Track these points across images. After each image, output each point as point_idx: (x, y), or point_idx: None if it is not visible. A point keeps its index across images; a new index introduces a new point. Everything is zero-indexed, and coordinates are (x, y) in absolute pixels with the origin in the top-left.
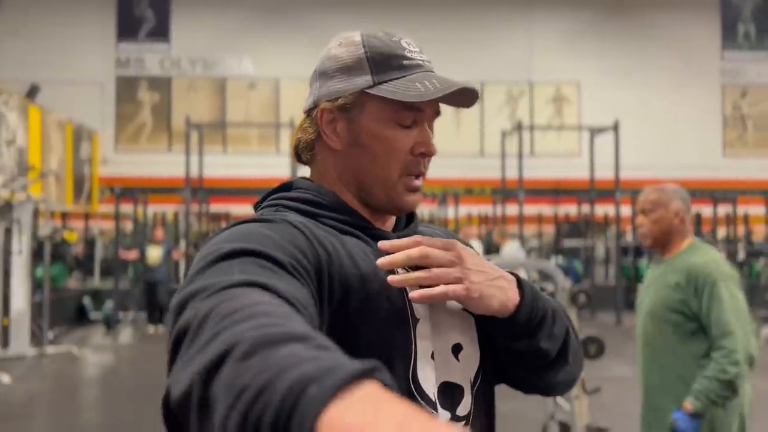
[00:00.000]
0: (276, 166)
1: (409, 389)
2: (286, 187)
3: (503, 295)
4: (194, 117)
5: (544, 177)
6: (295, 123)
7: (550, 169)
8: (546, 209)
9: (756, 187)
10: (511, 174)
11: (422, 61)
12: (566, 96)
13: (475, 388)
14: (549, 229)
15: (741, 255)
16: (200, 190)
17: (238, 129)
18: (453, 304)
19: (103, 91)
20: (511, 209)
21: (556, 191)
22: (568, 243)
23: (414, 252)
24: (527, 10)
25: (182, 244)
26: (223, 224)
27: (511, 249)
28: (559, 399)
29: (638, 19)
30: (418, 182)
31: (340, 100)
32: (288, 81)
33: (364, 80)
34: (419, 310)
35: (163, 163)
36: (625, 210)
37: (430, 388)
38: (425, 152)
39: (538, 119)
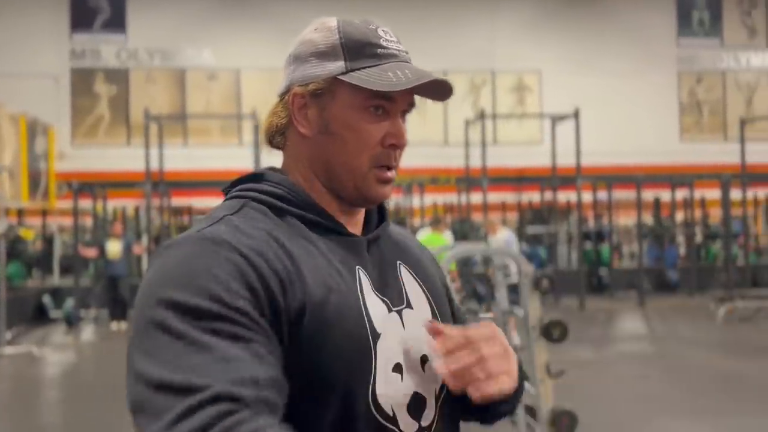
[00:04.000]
0: (238, 157)
1: (367, 406)
2: (256, 177)
3: (508, 387)
4: (153, 109)
5: (507, 165)
6: (257, 114)
7: (513, 157)
8: (509, 197)
9: (712, 171)
10: (475, 163)
11: (398, 50)
12: (528, 85)
13: (440, 400)
14: (513, 217)
15: (698, 238)
16: (161, 183)
17: (199, 121)
18: (419, 316)
19: (58, 84)
20: (476, 197)
21: (519, 179)
22: (532, 230)
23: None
24: (490, 0)
25: (144, 239)
26: (185, 218)
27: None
28: (525, 383)
29: (597, 7)
30: (389, 174)
31: (312, 85)
32: (249, 71)
33: (337, 66)
34: (380, 325)
35: (122, 157)
36: (587, 196)
37: (391, 403)
38: (396, 144)
39: (500, 108)
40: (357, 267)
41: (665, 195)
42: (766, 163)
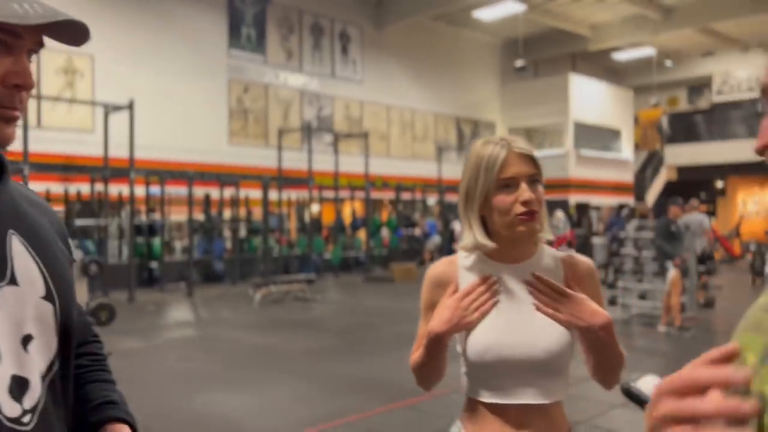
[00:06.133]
0: None
1: None
2: None
3: None
4: None
5: (53, 152)
6: None
7: (61, 143)
8: (55, 187)
9: (255, 173)
10: (17, 147)
11: None
12: (79, 68)
13: (47, 379)
14: (59, 208)
15: (243, 232)
16: None
17: None
18: (26, 293)
19: None
20: None
21: (67, 168)
22: (81, 222)
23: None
24: None
25: None
26: None
27: None
28: None
29: (155, 5)
30: (13, 113)
31: None
32: None
33: None
34: None
35: None
36: (140, 190)
37: None
38: (21, 84)
39: (47, 89)
40: None
41: (214, 192)
42: (298, 169)
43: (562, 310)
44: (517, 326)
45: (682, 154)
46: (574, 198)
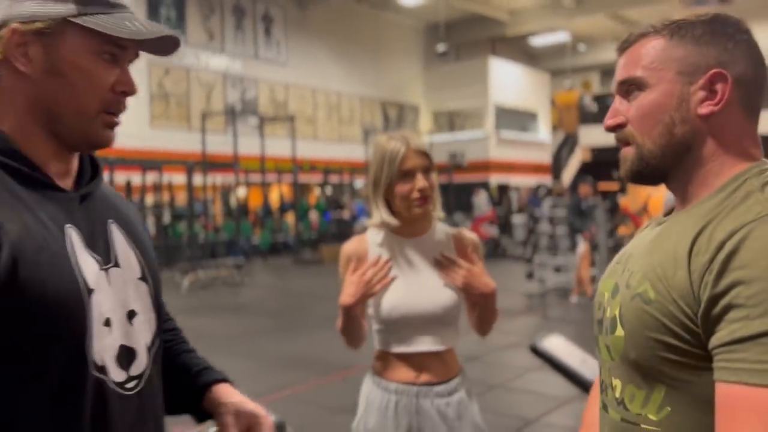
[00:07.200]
0: None
1: (78, 357)
2: None
3: None
4: None
5: None
6: None
7: None
8: None
9: (179, 157)
10: None
11: (125, 3)
12: None
13: (152, 351)
14: None
15: (167, 218)
16: None
17: None
18: (127, 274)
19: None
20: None
21: None
22: None
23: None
24: None
25: None
26: None
27: None
28: None
29: None
30: (116, 119)
31: (37, 23)
32: None
33: (66, 8)
34: (93, 281)
35: None
36: None
37: (102, 353)
38: (127, 91)
39: None
40: (67, 225)
41: (136, 178)
42: (222, 153)
43: (460, 279)
44: (417, 288)
45: (595, 135)
46: (495, 178)
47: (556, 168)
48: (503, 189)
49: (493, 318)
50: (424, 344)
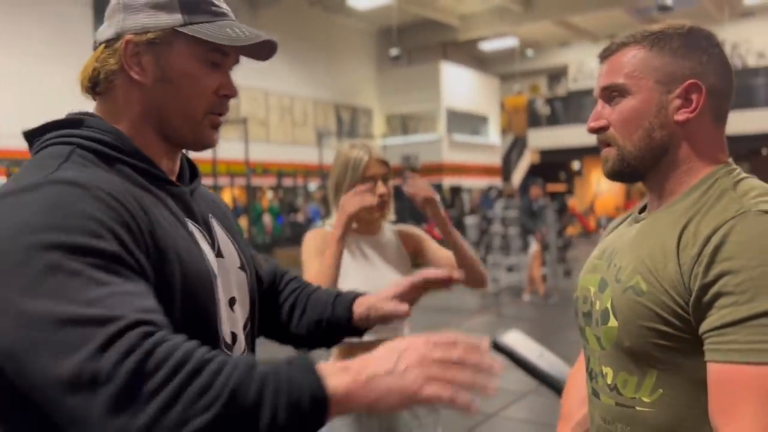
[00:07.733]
0: None
1: (216, 336)
2: (74, 123)
3: None
4: None
5: None
6: None
7: None
8: None
9: None
10: None
11: (227, 10)
12: None
13: (246, 332)
14: None
15: None
16: None
17: None
18: (230, 264)
19: None
20: None
21: None
22: None
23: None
24: None
25: None
26: None
27: None
28: None
29: None
30: (221, 120)
31: (149, 34)
32: None
33: (174, 19)
34: (215, 267)
35: None
36: (3, 180)
37: (226, 333)
38: (229, 94)
39: None
40: (186, 218)
41: None
42: None
43: (412, 188)
44: (373, 279)
45: (543, 138)
46: (447, 181)
47: (506, 170)
48: (456, 191)
49: (458, 239)
50: (382, 332)
